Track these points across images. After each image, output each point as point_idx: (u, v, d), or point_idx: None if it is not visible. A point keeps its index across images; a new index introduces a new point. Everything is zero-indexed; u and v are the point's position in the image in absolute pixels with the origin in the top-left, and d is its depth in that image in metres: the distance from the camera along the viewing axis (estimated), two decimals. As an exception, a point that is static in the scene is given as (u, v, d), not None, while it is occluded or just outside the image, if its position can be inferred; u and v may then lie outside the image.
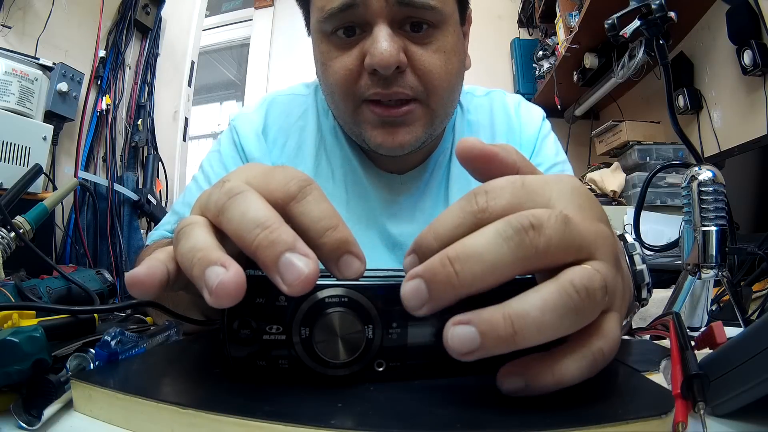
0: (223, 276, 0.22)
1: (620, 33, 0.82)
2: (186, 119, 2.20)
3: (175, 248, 0.25)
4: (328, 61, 0.55)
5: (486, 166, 0.26)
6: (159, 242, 0.63)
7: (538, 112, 0.72)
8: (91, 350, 0.31)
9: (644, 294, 0.32)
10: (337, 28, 0.53)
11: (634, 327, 0.45)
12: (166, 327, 0.39)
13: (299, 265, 0.22)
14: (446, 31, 0.54)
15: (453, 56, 0.55)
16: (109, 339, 0.31)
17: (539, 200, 0.24)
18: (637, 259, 0.32)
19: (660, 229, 1.11)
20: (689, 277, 0.53)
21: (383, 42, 0.49)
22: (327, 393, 0.26)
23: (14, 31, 1.45)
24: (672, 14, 0.74)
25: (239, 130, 0.66)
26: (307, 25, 0.61)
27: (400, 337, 0.28)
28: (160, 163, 2.00)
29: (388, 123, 0.54)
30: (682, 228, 0.54)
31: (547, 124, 0.72)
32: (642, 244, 0.74)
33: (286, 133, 0.66)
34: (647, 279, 0.31)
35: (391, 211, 0.64)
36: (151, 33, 2.03)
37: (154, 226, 1.50)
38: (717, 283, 0.58)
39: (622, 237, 0.33)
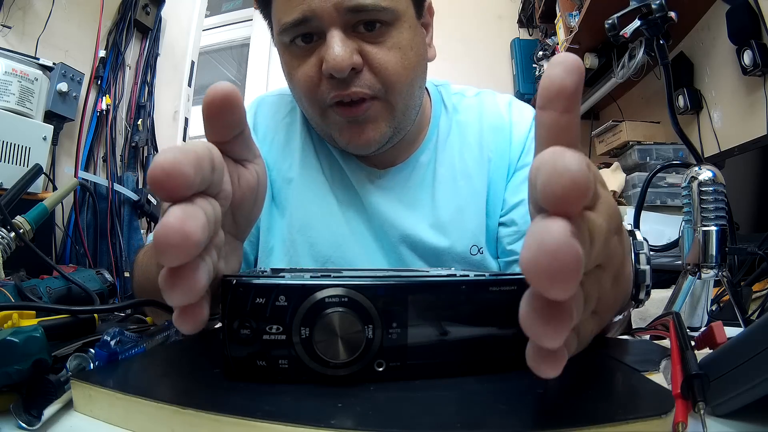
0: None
1: (620, 33, 0.82)
2: (186, 119, 2.20)
3: None
4: (292, 71, 0.58)
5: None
6: None
7: (529, 111, 0.73)
8: (91, 350, 0.31)
9: (642, 295, 0.31)
10: (295, 38, 0.56)
11: (634, 327, 0.45)
12: (165, 327, 0.39)
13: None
14: (400, 27, 0.56)
15: (409, 51, 0.57)
16: (109, 339, 0.31)
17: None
18: (642, 258, 0.31)
19: (660, 229, 1.11)
20: (689, 277, 0.53)
21: (336, 47, 0.52)
22: (327, 393, 0.26)
23: (14, 31, 1.45)
24: (672, 14, 0.74)
25: None
26: (272, 35, 0.64)
27: (400, 337, 0.28)
28: (160, 163, 1.99)
29: (353, 122, 0.57)
30: (682, 228, 0.54)
31: None
32: (642, 244, 0.74)
33: (274, 129, 0.69)
34: (648, 281, 0.31)
35: (372, 199, 0.65)
36: (151, 33, 2.03)
37: (155, 226, 1.50)
38: (717, 283, 0.58)
39: (631, 233, 0.32)
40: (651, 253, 0.81)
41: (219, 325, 0.28)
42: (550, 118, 0.22)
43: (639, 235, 0.32)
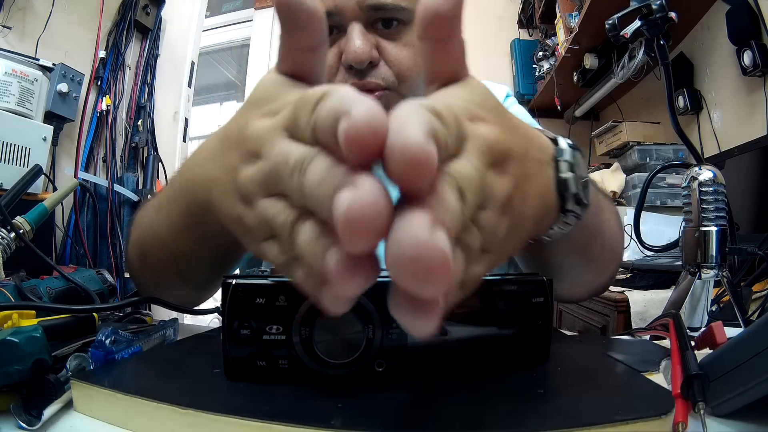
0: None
1: (621, 33, 0.82)
2: (186, 120, 2.19)
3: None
4: None
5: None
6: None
7: (500, 90, 0.77)
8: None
9: (569, 205, 0.29)
10: None
11: (634, 327, 0.45)
12: (162, 326, 0.39)
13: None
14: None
15: None
16: (104, 339, 0.31)
17: None
18: (563, 166, 0.29)
19: (660, 229, 1.11)
20: (689, 277, 0.53)
21: (356, 40, 0.55)
22: (327, 393, 0.26)
23: (14, 31, 1.45)
24: (672, 14, 0.74)
25: None
26: None
27: (400, 337, 0.28)
28: (160, 163, 2.00)
29: None
30: (682, 228, 0.54)
31: (511, 99, 0.77)
32: (642, 244, 0.74)
33: None
34: (573, 189, 0.28)
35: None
36: (151, 33, 2.03)
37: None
38: (717, 284, 0.58)
39: (554, 140, 0.30)
40: (651, 253, 0.80)
41: (219, 324, 0.28)
42: (429, 48, 0.22)
43: (563, 142, 0.30)
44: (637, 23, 0.77)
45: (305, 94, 0.20)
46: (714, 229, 0.50)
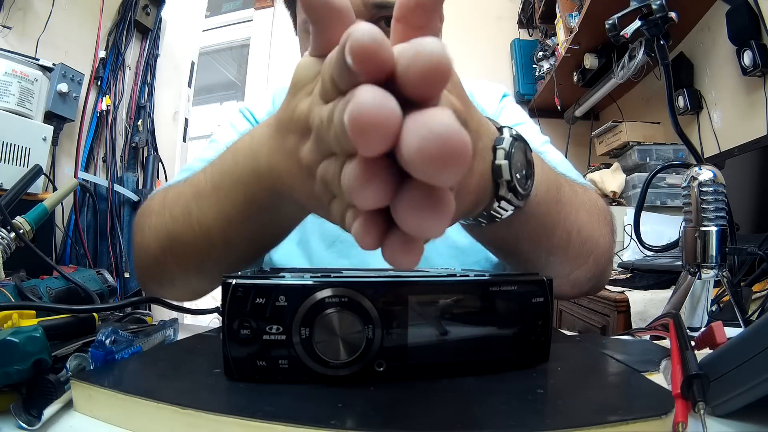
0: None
1: (621, 33, 0.82)
2: (186, 120, 2.19)
3: None
4: None
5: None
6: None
7: (498, 89, 0.76)
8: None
9: (502, 191, 0.30)
10: None
11: (634, 327, 0.45)
12: (162, 326, 0.39)
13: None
14: None
15: None
16: (104, 339, 0.31)
17: None
18: (500, 153, 0.29)
19: (660, 229, 1.11)
20: (689, 277, 0.53)
21: None
22: (327, 393, 0.26)
23: (14, 31, 1.45)
24: (673, 14, 0.74)
25: (251, 109, 0.75)
26: (295, 25, 0.67)
27: (400, 337, 0.28)
28: (160, 163, 2.00)
29: None
30: (682, 228, 0.54)
31: (508, 99, 0.76)
32: (642, 244, 0.74)
33: None
34: (506, 176, 0.29)
35: None
36: (151, 33, 2.03)
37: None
38: (717, 284, 0.58)
39: (500, 129, 0.31)
40: (651, 253, 0.80)
41: (219, 324, 0.28)
42: (402, 31, 0.22)
43: (506, 132, 0.30)
44: (637, 23, 0.77)
45: (327, 58, 0.22)
46: (714, 229, 0.50)
